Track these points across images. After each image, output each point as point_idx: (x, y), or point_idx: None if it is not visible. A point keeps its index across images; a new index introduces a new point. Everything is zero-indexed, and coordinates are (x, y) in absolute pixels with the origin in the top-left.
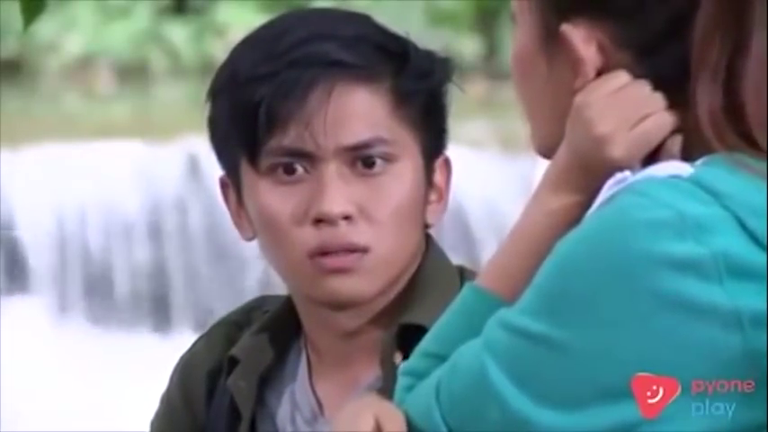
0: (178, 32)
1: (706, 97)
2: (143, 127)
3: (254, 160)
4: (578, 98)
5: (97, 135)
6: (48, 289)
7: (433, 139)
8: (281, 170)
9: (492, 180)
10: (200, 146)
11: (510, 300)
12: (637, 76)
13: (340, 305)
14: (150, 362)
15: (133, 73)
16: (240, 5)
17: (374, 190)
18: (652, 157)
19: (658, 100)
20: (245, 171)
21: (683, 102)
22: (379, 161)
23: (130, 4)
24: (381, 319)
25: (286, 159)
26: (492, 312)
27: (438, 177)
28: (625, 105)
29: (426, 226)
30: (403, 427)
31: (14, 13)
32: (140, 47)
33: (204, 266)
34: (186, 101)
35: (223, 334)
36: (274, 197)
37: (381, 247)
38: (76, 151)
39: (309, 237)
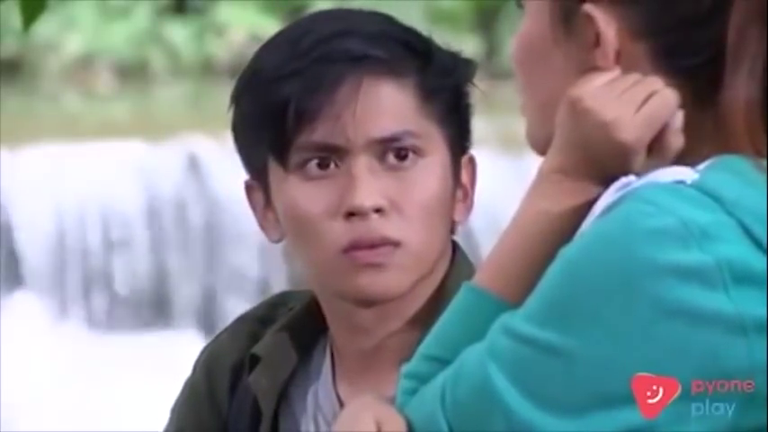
0: (178, 32)
1: (742, 91)
2: (143, 127)
3: (282, 158)
4: (569, 94)
5: (97, 135)
6: (47, 288)
7: (458, 136)
8: (310, 165)
9: (492, 180)
10: (200, 145)
11: (509, 298)
12: (651, 68)
13: (371, 301)
14: (150, 362)
15: (133, 73)
16: (240, 5)
17: (404, 183)
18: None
19: (656, 80)
20: (273, 170)
21: (699, 100)
22: (410, 154)
23: (130, 4)
24: (406, 325)
25: (316, 154)
26: (491, 312)
27: (463, 176)
28: (623, 90)
29: (453, 227)
30: (403, 429)
31: (14, 13)
32: (140, 47)
33: (204, 266)
34: (186, 101)
35: (247, 329)
36: (304, 193)
37: (412, 242)
38: (76, 151)
39: (341, 232)
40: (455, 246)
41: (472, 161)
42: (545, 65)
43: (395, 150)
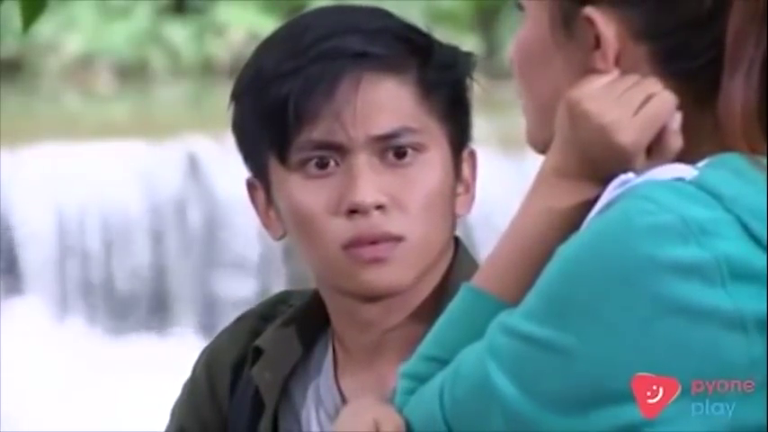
0: (178, 32)
1: (740, 92)
2: (143, 127)
3: (283, 157)
4: (568, 96)
5: (97, 135)
6: (47, 289)
7: (459, 130)
8: (311, 164)
9: (492, 179)
10: (200, 145)
11: (508, 299)
12: (651, 71)
13: (374, 296)
14: (149, 362)
15: (133, 73)
16: (240, 5)
17: (405, 179)
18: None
19: (655, 82)
20: (274, 169)
21: (699, 102)
22: (409, 151)
23: (130, 4)
24: (409, 319)
25: (316, 153)
26: (491, 313)
27: (465, 169)
28: (622, 92)
29: (455, 221)
30: (402, 429)
31: (14, 13)
32: (140, 47)
33: (204, 266)
34: (186, 101)
35: (248, 326)
36: (306, 192)
37: (414, 236)
38: (76, 151)
39: (343, 229)
40: (457, 241)
41: (473, 155)
42: (545, 67)
43: (395, 148)
